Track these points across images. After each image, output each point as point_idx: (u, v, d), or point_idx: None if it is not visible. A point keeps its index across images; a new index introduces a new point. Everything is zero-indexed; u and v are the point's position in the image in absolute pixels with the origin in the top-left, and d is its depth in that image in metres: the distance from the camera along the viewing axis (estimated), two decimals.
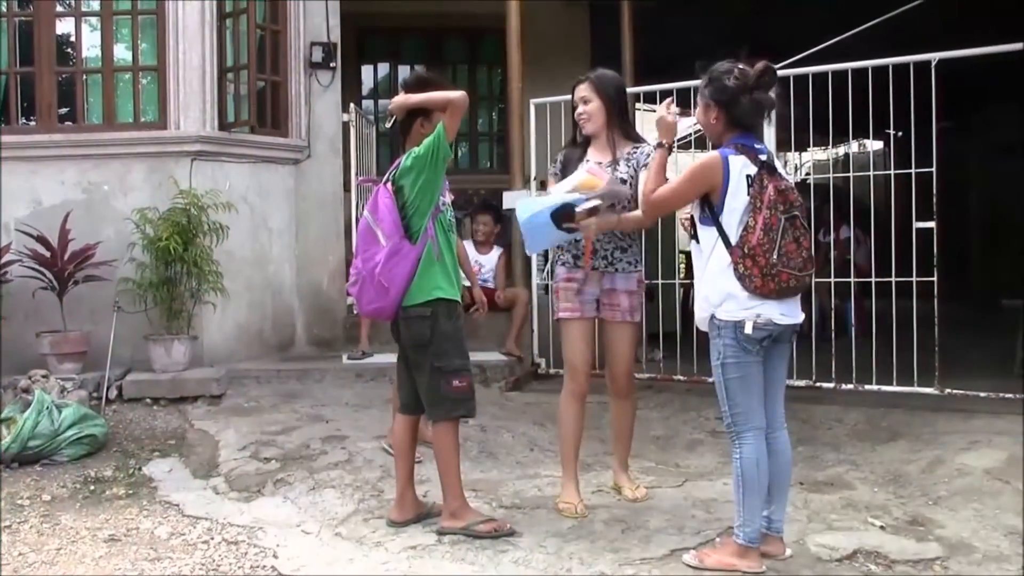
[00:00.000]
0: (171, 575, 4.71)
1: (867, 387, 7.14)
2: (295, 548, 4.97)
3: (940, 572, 4.49)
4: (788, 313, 4.42)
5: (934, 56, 6.72)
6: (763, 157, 4.40)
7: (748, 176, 4.34)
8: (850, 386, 7.20)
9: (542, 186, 8.71)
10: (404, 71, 13.37)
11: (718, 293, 4.40)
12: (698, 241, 4.51)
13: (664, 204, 4.69)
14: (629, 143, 5.46)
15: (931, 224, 6.83)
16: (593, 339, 5.52)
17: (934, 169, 6.82)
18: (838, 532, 4.94)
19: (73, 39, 9.34)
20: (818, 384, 7.28)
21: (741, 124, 4.45)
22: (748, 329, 4.34)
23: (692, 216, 4.55)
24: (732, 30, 12.02)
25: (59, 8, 9.26)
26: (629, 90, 8.53)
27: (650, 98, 8.23)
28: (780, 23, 10.55)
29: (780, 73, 7.22)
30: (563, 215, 5.06)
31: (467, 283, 6.60)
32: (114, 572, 4.75)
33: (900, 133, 7.23)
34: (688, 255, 11.00)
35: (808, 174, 16.58)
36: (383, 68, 13.65)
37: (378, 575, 4.60)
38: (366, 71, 13.53)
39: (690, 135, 10.07)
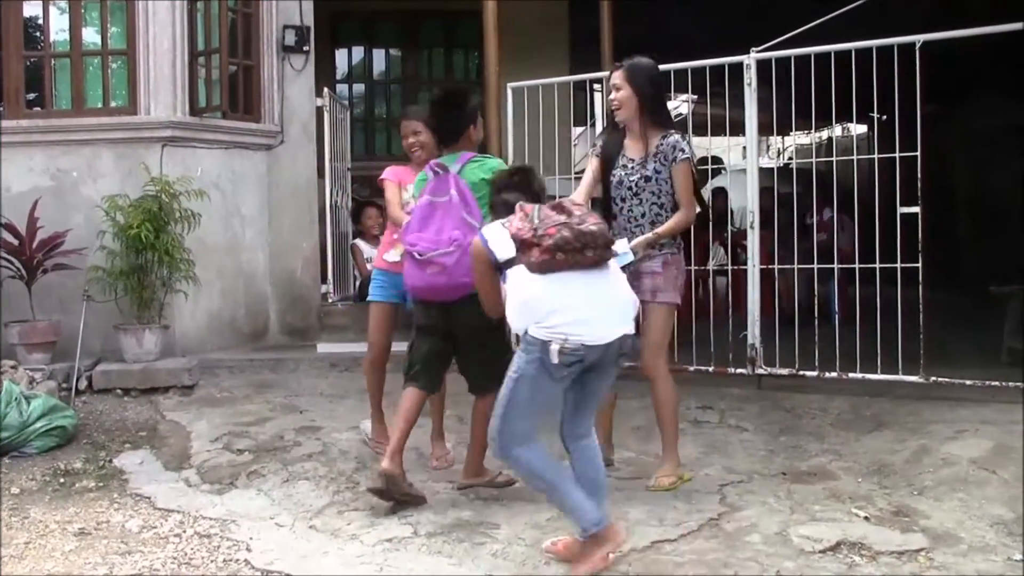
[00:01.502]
0: (143, 569, 4.67)
1: (851, 375, 7.06)
2: (268, 541, 4.94)
3: (925, 563, 4.45)
4: (601, 332, 4.20)
5: (919, 38, 6.64)
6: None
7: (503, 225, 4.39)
8: (834, 374, 7.11)
9: None
10: (379, 55, 13.32)
11: (512, 303, 4.27)
12: None
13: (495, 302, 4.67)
14: (658, 132, 5.55)
15: (916, 209, 6.77)
16: None
17: (918, 153, 6.76)
18: (821, 523, 4.90)
19: (41, 22, 9.16)
20: (801, 372, 7.21)
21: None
22: (554, 358, 4.13)
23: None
24: (711, 15, 12.05)
25: None
26: (607, 74, 8.48)
27: None
28: (760, 7, 10.48)
29: (761, 56, 7.26)
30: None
31: None
32: (84, 566, 4.72)
33: (884, 117, 7.16)
34: None
35: (791, 159, 16.57)
36: (357, 52, 13.54)
37: (353, 569, 4.56)
38: (340, 55, 13.41)
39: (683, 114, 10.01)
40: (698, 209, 5.70)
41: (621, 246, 5.26)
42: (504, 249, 4.31)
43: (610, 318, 4.22)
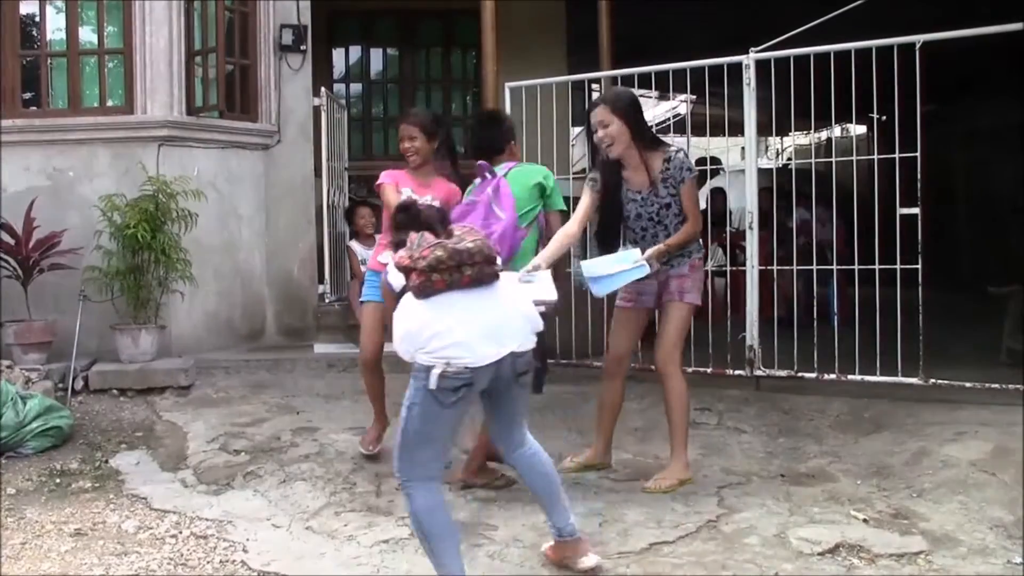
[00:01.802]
0: (139, 570, 4.67)
1: (850, 377, 7.02)
2: (265, 542, 4.95)
3: (924, 566, 4.45)
4: (483, 352, 4.02)
5: (919, 38, 6.61)
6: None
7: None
8: (832, 376, 7.08)
9: None
10: (377, 54, 13.27)
11: (397, 332, 4.11)
12: None
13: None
14: (658, 156, 5.56)
15: (915, 210, 6.74)
16: (636, 328, 5.84)
17: (918, 154, 6.74)
18: (820, 525, 4.89)
19: (38, 21, 9.13)
20: (800, 374, 7.18)
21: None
22: (432, 382, 3.93)
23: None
24: (710, 15, 12.02)
25: None
26: (605, 74, 8.46)
27: (627, 82, 8.14)
28: (760, 7, 10.45)
29: (761, 56, 7.23)
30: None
31: None
32: (80, 567, 4.73)
33: (884, 117, 7.13)
34: None
35: (789, 159, 16.54)
36: (355, 52, 13.50)
37: (349, 570, 4.56)
38: (338, 55, 13.36)
39: (669, 119, 9.98)
40: None
41: (633, 256, 5.29)
42: (397, 280, 4.16)
43: (494, 337, 4.05)
